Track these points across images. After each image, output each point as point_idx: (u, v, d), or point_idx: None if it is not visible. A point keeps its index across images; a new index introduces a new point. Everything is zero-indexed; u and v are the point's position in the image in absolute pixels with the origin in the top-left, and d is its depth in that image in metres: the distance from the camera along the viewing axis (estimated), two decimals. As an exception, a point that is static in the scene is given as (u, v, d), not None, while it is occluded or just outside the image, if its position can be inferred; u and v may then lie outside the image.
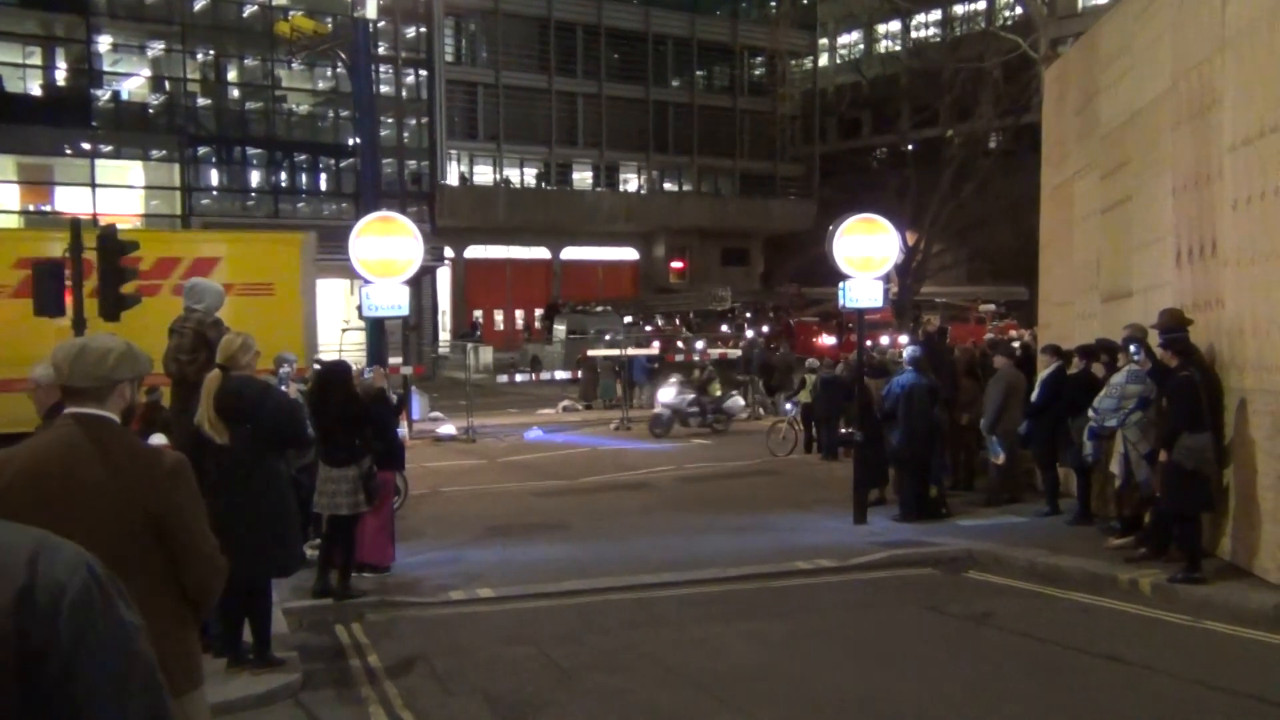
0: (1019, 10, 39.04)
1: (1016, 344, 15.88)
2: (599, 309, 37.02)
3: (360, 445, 8.50)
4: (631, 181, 48.73)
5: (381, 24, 37.55)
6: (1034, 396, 11.11)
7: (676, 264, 48.72)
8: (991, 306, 41.76)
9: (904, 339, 22.71)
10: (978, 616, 7.97)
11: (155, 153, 35.02)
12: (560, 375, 26.43)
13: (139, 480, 3.13)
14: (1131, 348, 9.31)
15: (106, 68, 35.00)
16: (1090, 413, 9.43)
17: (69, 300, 10.14)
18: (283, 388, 9.46)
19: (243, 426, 5.92)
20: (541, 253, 46.51)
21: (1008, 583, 9.02)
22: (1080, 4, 43.21)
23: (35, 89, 33.82)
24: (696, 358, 25.49)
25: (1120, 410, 9.07)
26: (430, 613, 8.43)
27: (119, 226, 19.23)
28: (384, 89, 37.76)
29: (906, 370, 11.50)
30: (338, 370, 9.00)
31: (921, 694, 6.35)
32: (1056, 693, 6.33)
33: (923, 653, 7.19)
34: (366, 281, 11.06)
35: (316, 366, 10.98)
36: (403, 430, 14.02)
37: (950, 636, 7.62)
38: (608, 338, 30.65)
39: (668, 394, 20.68)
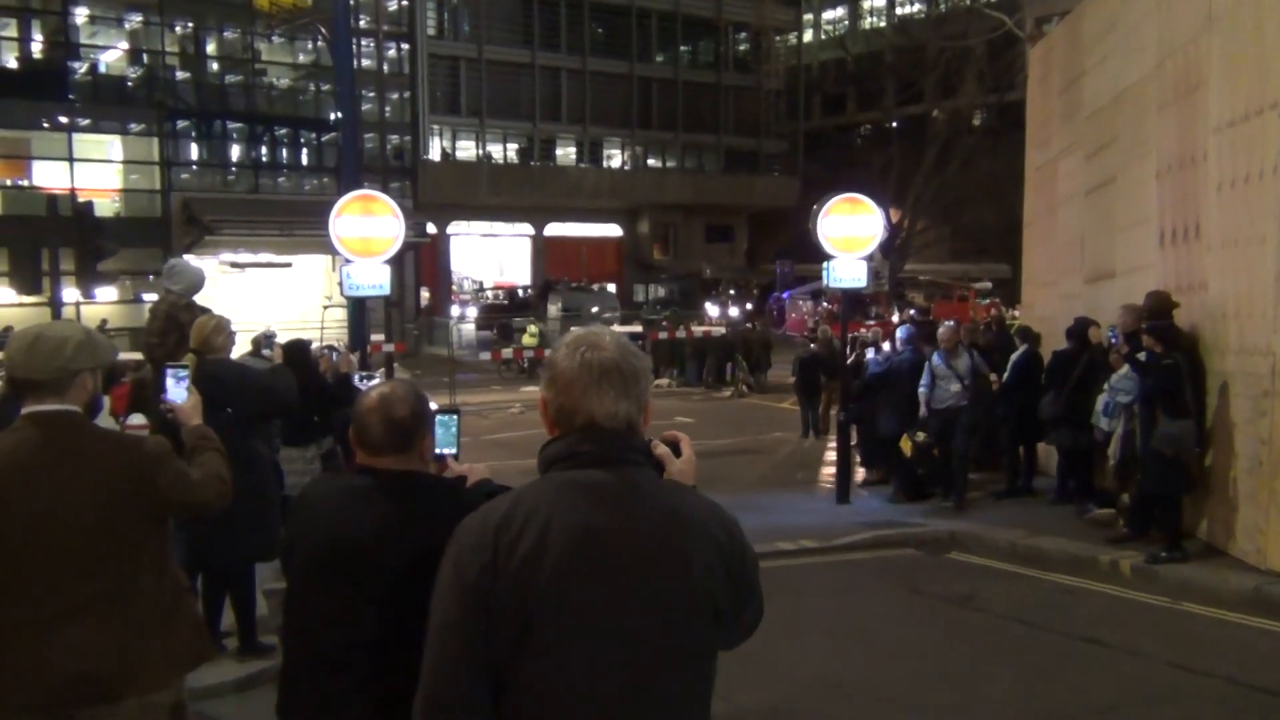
0: (1004, -13, 38.91)
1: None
2: (595, 287, 36.44)
3: (319, 423, 8.37)
4: (615, 157, 48.50)
5: (363, -3, 37.24)
6: (1005, 377, 11.18)
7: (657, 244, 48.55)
8: (989, 285, 41.74)
9: (894, 318, 22.71)
10: (959, 598, 8.00)
11: (134, 126, 34.55)
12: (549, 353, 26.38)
13: (119, 472, 3.00)
14: (1109, 332, 9.29)
15: (84, 40, 34.46)
16: (1106, 388, 9.29)
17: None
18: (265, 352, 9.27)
19: (221, 411, 5.83)
20: (525, 229, 46.29)
21: (989, 564, 9.05)
22: (1065, -19, 43.03)
23: (11, 62, 33.29)
24: (681, 335, 25.45)
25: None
26: (412, 594, 8.39)
27: (96, 203, 19.03)
28: (365, 63, 37.39)
29: (905, 349, 11.49)
30: (296, 347, 8.89)
31: (903, 677, 6.37)
32: (1037, 676, 6.35)
33: (905, 635, 7.21)
34: (347, 260, 10.95)
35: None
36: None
37: (932, 619, 7.64)
38: (607, 315, 30.44)
39: None
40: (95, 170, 33.33)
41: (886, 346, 11.76)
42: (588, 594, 1.93)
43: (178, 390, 3.66)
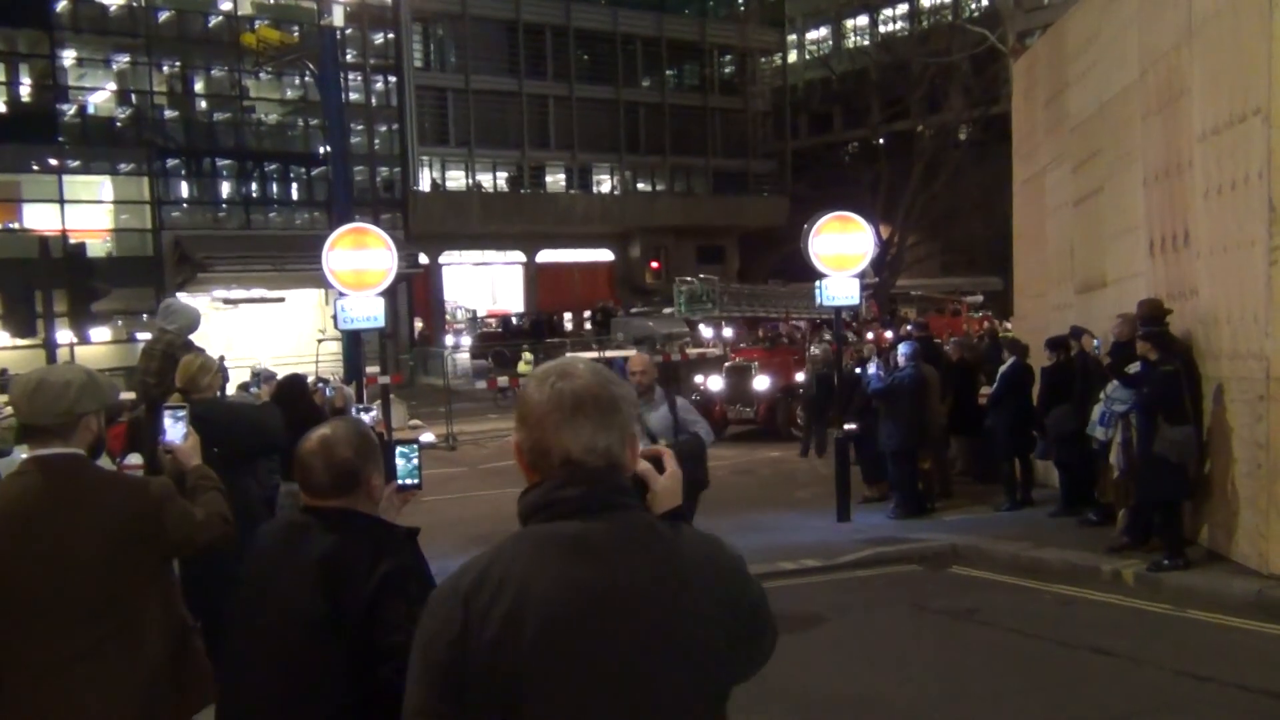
0: (985, 2, 39.27)
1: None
2: (666, 310, 33.03)
3: None
4: (605, 183, 48.64)
5: (349, 31, 37.37)
6: (993, 389, 11.25)
7: (654, 264, 48.58)
8: (980, 298, 41.82)
9: (889, 334, 22.70)
10: (963, 613, 7.98)
11: (124, 166, 34.61)
12: None
13: (126, 514, 3.01)
14: (1095, 342, 9.33)
15: (72, 82, 34.57)
16: (1102, 397, 9.28)
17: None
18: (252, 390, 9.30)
19: (210, 450, 5.76)
20: (517, 256, 46.37)
21: (992, 577, 9.03)
22: (1046, -6, 43.39)
23: (-1, 106, 33.48)
24: (676, 357, 25.46)
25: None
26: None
27: (88, 243, 19.08)
28: (353, 96, 37.49)
29: (906, 364, 11.50)
30: (295, 383, 8.89)
31: (910, 694, 6.35)
32: (1044, 688, 6.34)
33: (910, 651, 7.19)
34: (341, 294, 10.96)
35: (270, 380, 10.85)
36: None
37: (936, 634, 7.63)
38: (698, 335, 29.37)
39: None
40: (86, 211, 33.37)
41: (873, 368, 11.74)
42: (576, 665, 1.71)
43: (176, 431, 3.66)
